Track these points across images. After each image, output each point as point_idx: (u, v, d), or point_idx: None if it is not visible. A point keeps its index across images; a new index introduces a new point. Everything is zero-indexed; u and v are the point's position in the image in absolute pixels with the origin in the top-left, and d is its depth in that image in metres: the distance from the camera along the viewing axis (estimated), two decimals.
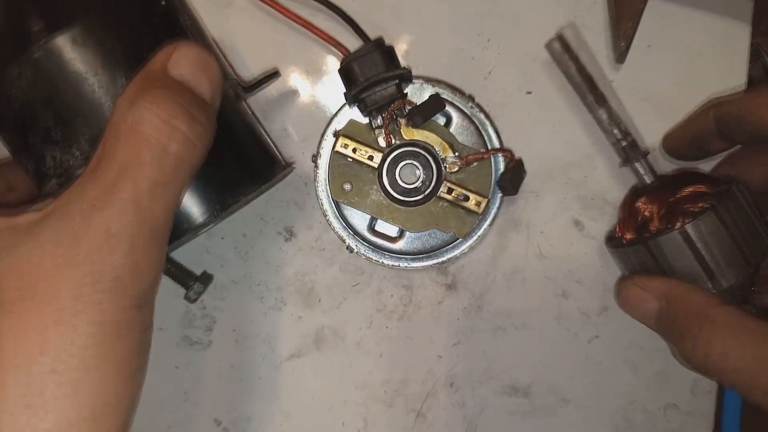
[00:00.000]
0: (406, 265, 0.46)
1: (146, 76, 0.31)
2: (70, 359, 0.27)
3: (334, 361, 0.48)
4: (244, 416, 0.48)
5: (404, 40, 0.48)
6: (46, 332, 0.27)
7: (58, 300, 0.28)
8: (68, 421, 0.27)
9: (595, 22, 0.47)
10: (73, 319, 0.27)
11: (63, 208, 0.29)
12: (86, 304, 0.28)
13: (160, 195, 0.30)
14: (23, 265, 0.28)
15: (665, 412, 0.48)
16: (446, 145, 0.45)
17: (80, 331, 0.28)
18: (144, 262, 0.30)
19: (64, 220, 0.29)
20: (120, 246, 0.28)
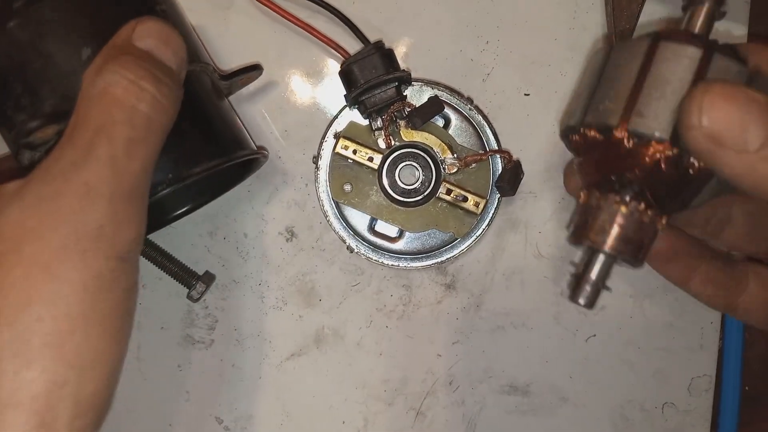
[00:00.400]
0: (405, 265, 0.47)
1: (112, 47, 0.33)
2: (56, 309, 0.28)
3: (335, 361, 0.48)
4: (245, 415, 0.48)
5: (403, 42, 0.48)
6: (33, 283, 0.28)
7: (44, 252, 0.29)
8: (54, 372, 0.28)
9: (593, 25, 0.48)
10: (58, 270, 0.28)
11: (44, 172, 0.30)
12: (71, 255, 0.29)
13: (135, 152, 0.31)
14: (8, 224, 0.29)
15: (663, 411, 0.48)
16: (445, 146, 0.45)
17: (65, 281, 0.28)
18: (124, 214, 0.31)
19: (46, 181, 0.30)
20: (100, 200, 0.29)
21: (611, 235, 0.32)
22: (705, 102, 0.27)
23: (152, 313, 0.48)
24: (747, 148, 0.26)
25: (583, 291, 0.33)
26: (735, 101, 0.26)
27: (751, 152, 0.26)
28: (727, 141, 0.26)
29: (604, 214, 0.32)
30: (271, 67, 0.48)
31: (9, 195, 0.30)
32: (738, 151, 0.26)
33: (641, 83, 0.30)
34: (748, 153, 0.26)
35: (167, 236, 0.48)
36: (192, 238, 0.48)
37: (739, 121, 0.26)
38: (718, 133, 0.26)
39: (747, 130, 0.26)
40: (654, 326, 0.48)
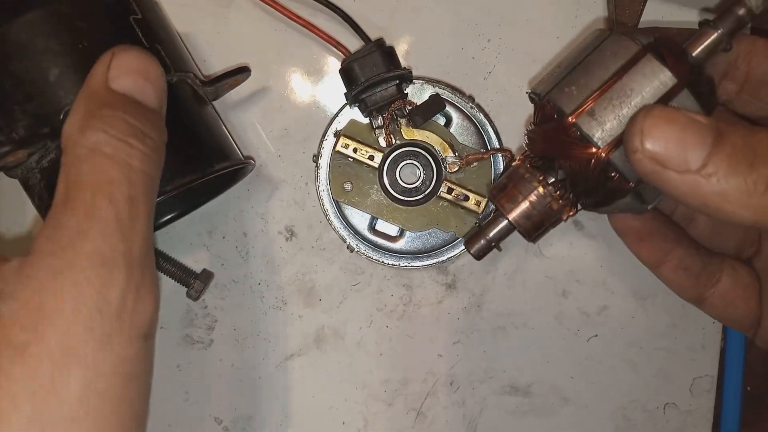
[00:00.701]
0: (406, 264, 0.46)
1: (89, 96, 0.31)
2: (88, 404, 0.26)
3: (335, 361, 0.48)
4: (244, 415, 0.48)
5: (405, 40, 0.48)
6: (63, 376, 0.26)
7: (69, 338, 0.26)
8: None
9: (595, 23, 0.48)
10: (87, 358, 0.26)
11: (48, 242, 0.28)
12: (96, 337, 0.27)
13: (137, 211, 0.29)
14: (24, 309, 0.27)
15: (665, 411, 0.48)
16: (446, 145, 0.45)
17: (95, 371, 0.26)
18: (141, 284, 0.29)
19: (54, 253, 0.28)
20: (117, 270, 0.28)
21: (519, 207, 0.36)
22: (646, 125, 0.27)
23: None
24: (689, 167, 0.27)
25: (477, 244, 0.38)
26: (675, 123, 0.27)
27: (693, 172, 0.27)
28: (670, 162, 0.27)
29: (523, 186, 0.35)
30: (271, 66, 0.48)
31: (13, 275, 0.28)
32: (681, 171, 0.27)
33: (610, 85, 0.31)
34: (690, 173, 0.27)
35: (166, 236, 0.48)
36: (191, 237, 0.48)
37: (679, 142, 0.27)
38: (660, 155, 0.27)
39: (688, 150, 0.27)
40: (656, 326, 0.48)
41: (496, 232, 0.38)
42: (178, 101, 0.40)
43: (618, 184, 0.32)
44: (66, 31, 0.36)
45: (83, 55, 0.36)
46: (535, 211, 0.36)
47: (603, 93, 0.31)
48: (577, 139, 0.32)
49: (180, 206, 0.47)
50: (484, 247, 0.38)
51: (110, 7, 0.38)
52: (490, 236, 0.38)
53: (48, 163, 0.36)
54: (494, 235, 0.38)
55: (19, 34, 0.35)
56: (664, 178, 0.27)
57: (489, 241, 0.38)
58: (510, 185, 0.36)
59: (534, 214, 0.36)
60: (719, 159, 0.26)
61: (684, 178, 0.27)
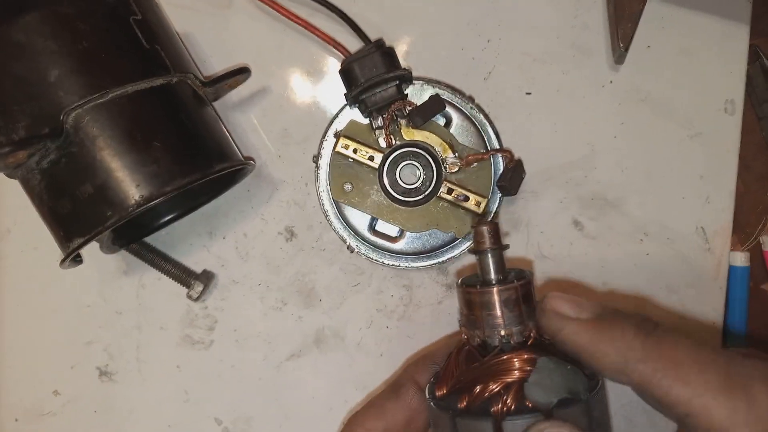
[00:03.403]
0: (406, 264, 0.46)
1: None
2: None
3: (335, 361, 0.48)
4: (244, 416, 0.48)
5: (404, 41, 0.48)
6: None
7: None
8: None
9: (595, 23, 0.47)
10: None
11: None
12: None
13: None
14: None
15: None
16: (446, 145, 0.45)
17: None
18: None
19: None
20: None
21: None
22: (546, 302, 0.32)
23: (152, 313, 0.48)
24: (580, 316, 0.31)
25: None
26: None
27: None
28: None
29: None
30: (271, 66, 0.48)
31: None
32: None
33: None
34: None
35: (166, 237, 0.48)
36: (191, 238, 0.48)
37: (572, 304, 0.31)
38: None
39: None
40: None
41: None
42: (178, 102, 0.40)
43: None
44: (66, 32, 0.36)
45: (83, 55, 0.36)
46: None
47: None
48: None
49: (180, 207, 0.47)
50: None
51: (110, 8, 0.38)
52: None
53: (48, 164, 0.36)
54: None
55: (19, 34, 0.35)
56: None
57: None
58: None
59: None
60: None
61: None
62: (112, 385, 0.48)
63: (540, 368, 0.29)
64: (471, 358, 0.31)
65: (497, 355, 0.30)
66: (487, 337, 0.31)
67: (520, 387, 0.28)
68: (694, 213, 0.47)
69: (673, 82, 0.47)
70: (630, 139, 0.47)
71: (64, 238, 0.38)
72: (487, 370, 0.29)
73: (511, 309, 0.31)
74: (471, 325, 0.32)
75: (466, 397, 0.29)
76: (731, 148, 0.48)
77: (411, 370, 0.35)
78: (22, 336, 0.49)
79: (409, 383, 0.35)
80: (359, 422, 0.34)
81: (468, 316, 0.32)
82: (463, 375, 0.30)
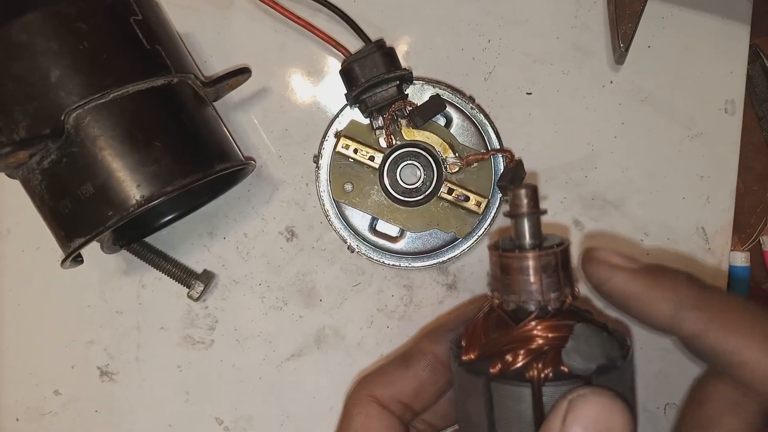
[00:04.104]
0: (406, 264, 0.46)
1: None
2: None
3: (335, 361, 0.48)
4: (245, 416, 0.48)
5: (405, 41, 0.48)
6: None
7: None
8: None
9: (595, 23, 0.48)
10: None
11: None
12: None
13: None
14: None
15: (665, 411, 0.48)
16: (447, 145, 0.45)
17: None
18: None
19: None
20: None
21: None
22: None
23: (152, 313, 0.48)
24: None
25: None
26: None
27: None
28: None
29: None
30: (272, 66, 0.48)
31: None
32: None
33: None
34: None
35: (167, 237, 0.48)
36: (192, 238, 0.48)
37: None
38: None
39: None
40: None
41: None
42: (179, 102, 0.40)
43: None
44: (67, 32, 0.36)
45: (84, 56, 0.36)
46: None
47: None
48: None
49: (181, 207, 0.47)
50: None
51: (111, 8, 0.38)
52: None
53: (49, 165, 0.37)
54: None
55: (19, 34, 0.35)
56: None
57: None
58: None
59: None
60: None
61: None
62: (113, 385, 0.48)
63: (577, 335, 0.28)
64: (502, 323, 0.30)
65: (533, 320, 0.29)
66: (523, 302, 0.30)
67: (557, 353, 0.28)
68: (694, 213, 0.47)
69: (673, 82, 0.47)
70: (630, 139, 0.47)
71: (64, 238, 0.38)
72: (522, 335, 0.29)
73: (550, 275, 0.30)
74: (506, 289, 0.30)
75: (499, 363, 0.28)
76: (731, 148, 0.48)
77: (424, 341, 0.35)
78: (22, 336, 0.49)
79: (420, 354, 0.34)
80: (367, 387, 0.34)
81: (503, 281, 0.31)
82: (495, 340, 0.29)
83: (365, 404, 0.33)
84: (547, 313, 0.29)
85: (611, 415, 0.26)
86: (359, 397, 0.34)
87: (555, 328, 0.28)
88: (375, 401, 0.33)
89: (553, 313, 0.29)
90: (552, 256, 0.30)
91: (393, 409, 0.34)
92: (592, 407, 0.26)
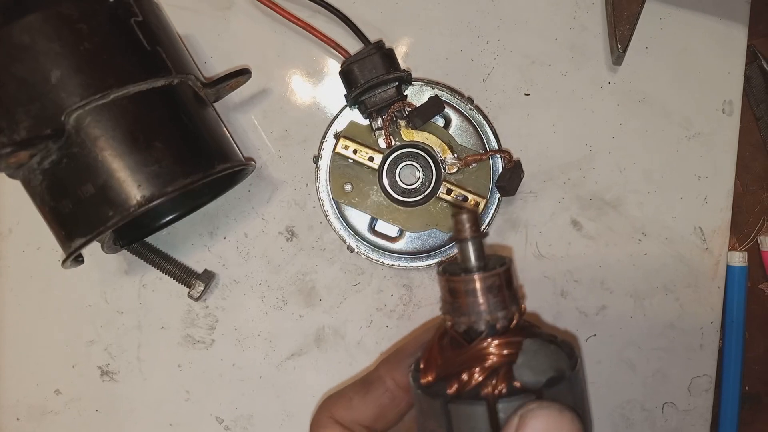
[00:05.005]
0: (406, 264, 0.46)
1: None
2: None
3: (335, 360, 0.48)
4: (245, 415, 0.48)
5: (404, 42, 0.48)
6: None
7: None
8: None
9: (593, 24, 0.48)
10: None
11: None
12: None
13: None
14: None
15: (663, 411, 0.48)
16: (445, 146, 0.45)
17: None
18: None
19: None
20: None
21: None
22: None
23: (152, 313, 0.48)
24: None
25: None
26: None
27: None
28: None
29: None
30: (271, 67, 0.48)
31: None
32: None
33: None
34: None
35: (167, 237, 0.48)
36: (192, 238, 0.48)
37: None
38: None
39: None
40: (654, 326, 0.48)
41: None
42: (180, 103, 0.40)
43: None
44: (68, 33, 0.36)
45: (85, 57, 0.36)
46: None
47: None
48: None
49: (181, 207, 0.47)
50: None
51: (112, 9, 0.38)
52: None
53: (49, 165, 0.37)
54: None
55: (21, 35, 0.35)
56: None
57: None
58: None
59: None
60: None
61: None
62: (114, 385, 0.49)
63: (526, 350, 0.29)
64: (455, 344, 0.31)
65: (484, 340, 0.30)
66: (473, 323, 0.31)
67: (509, 369, 0.29)
68: (692, 213, 0.48)
69: (671, 83, 0.48)
70: (628, 140, 0.48)
71: (65, 238, 0.39)
72: (475, 354, 0.30)
73: (495, 295, 0.31)
74: (456, 312, 0.32)
75: (455, 383, 0.29)
76: (729, 149, 0.48)
77: (383, 367, 0.35)
78: (23, 335, 0.49)
79: (378, 381, 0.35)
80: (329, 410, 0.35)
81: (452, 304, 0.32)
82: (450, 361, 0.30)
83: (329, 425, 0.34)
84: (497, 332, 0.30)
85: (560, 427, 0.27)
86: (323, 419, 0.35)
87: (505, 345, 0.29)
88: (337, 423, 0.34)
89: (502, 331, 0.30)
90: (496, 277, 0.31)
91: (355, 430, 0.34)
92: (542, 420, 0.27)
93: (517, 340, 0.30)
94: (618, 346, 0.48)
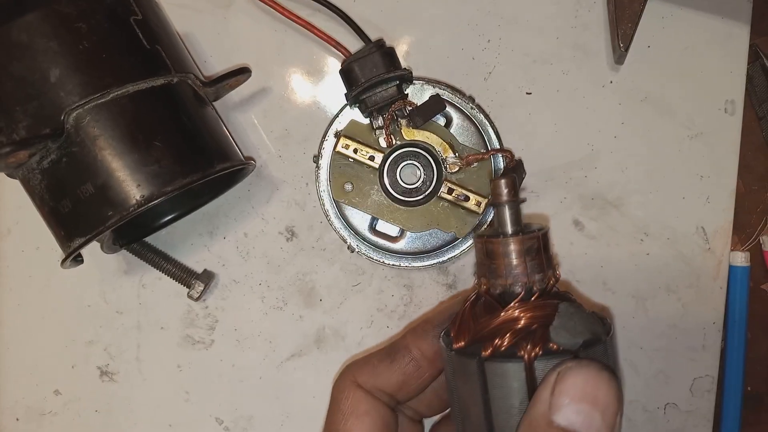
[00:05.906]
0: (406, 264, 0.46)
1: (530, 429, 0.27)
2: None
3: (335, 361, 0.48)
4: (245, 415, 0.48)
5: (405, 41, 0.48)
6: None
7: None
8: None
9: (595, 23, 0.48)
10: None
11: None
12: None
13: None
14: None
15: (665, 411, 0.48)
16: (447, 145, 0.45)
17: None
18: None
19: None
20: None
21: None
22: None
23: (152, 313, 0.48)
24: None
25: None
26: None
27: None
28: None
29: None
30: (271, 66, 0.48)
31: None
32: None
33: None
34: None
35: (167, 236, 0.48)
36: (192, 238, 0.48)
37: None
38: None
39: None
40: (656, 327, 0.48)
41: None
42: (179, 102, 0.40)
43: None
44: (67, 32, 0.36)
45: (84, 55, 0.36)
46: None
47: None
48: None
49: (181, 207, 0.47)
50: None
51: (111, 8, 0.38)
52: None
53: (49, 164, 0.37)
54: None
55: (19, 34, 0.35)
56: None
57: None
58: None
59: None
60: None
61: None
62: (113, 385, 0.49)
63: (563, 313, 0.29)
64: (489, 308, 0.31)
65: (522, 301, 0.30)
66: (510, 285, 0.31)
67: (545, 331, 0.29)
68: (694, 213, 0.47)
69: (673, 82, 0.47)
70: (630, 139, 0.47)
71: (64, 238, 0.38)
72: (511, 316, 0.30)
73: (533, 257, 0.31)
74: (492, 274, 0.31)
75: (490, 345, 0.29)
76: (731, 148, 0.48)
77: (409, 336, 0.35)
78: (22, 335, 0.49)
79: (405, 350, 0.35)
80: (352, 375, 0.35)
81: (489, 266, 0.32)
82: (485, 324, 0.30)
83: (352, 389, 0.34)
84: (533, 294, 0.30)
85: (598, 385, 0.26)
86: (346, 383, 0.35)
87: (541, 308, 0.29)
88: (360, 388, 0.34)
89: (538, 294, 0.30)
90: (535, 240, 0.31)
91: (378, 396, 0.35)
92: (580, 378, 0.26)
93: (553, 303, 0.29)
94: (620, 346, 0.48)
